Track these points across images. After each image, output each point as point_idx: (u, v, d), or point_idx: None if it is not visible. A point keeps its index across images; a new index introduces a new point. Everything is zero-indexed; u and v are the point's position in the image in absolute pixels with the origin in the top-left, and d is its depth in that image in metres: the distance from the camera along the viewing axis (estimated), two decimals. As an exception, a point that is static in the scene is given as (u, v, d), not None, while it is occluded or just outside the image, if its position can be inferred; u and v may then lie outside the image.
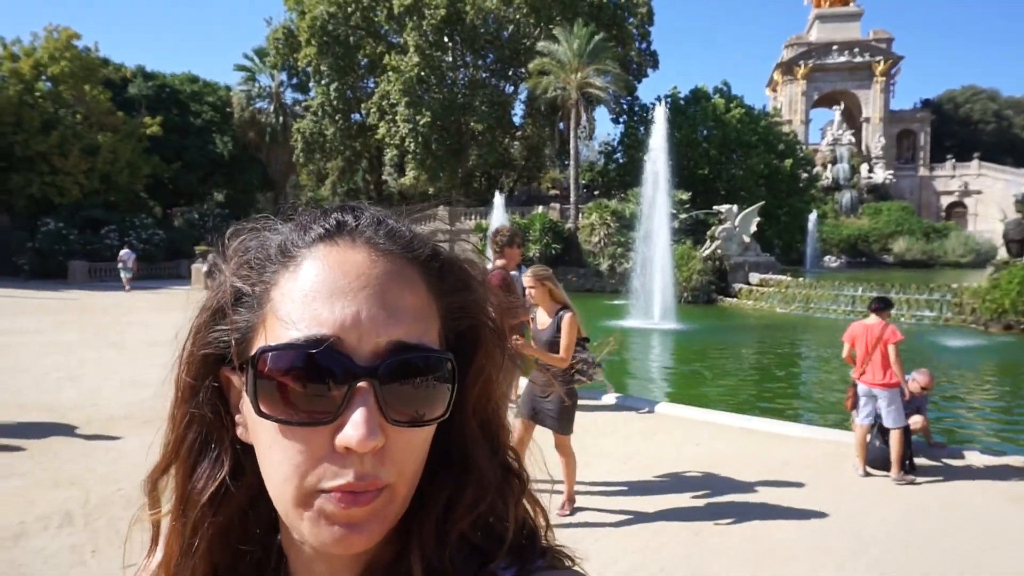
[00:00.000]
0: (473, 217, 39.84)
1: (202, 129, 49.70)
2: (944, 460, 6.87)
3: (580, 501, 5.47)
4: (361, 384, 0.55)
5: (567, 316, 5.18)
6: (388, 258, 0.60)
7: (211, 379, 0.62)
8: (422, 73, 40.45)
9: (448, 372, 0.60)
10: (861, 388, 6.55)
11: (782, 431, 7.80)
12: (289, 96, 55.84)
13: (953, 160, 69.96)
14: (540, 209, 38.03)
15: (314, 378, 0.55)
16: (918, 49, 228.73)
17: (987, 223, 56.08)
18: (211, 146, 49.80)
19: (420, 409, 0.58)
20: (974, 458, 6.92)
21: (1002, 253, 21.47)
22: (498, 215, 33.69)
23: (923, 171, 70.83)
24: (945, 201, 69.24)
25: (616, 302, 25.99)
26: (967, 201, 67.34)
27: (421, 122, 40.54)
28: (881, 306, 6.68)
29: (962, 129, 76.61)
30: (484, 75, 44.54)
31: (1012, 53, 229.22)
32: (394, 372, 0.56)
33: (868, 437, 6.49)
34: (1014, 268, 19.15)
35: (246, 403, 0.59)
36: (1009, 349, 16.46)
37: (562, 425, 5.24)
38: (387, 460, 0.56)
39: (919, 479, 6.28)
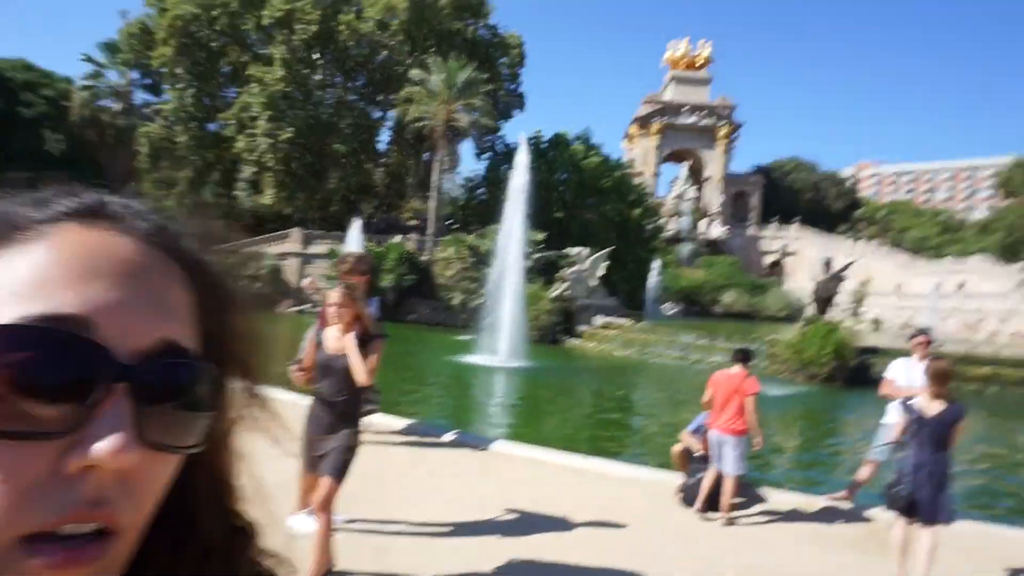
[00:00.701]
0: (328, 242, 38.85)
1: (32, 122, 45.16)
2: (757, 502, 7.56)
3: (403, 543, 5.48)
4: (120, 385, 0.42)
5: (378, 342, 4.87)
6: (158, 252, 0.49)
7: None
8: (287, 88, 39.33)
9: (210, 395, 0.49)
10: (712, 434, 6.97)
11: (612, 471, 8.23)
12: (139, 97, 52.18)
13: (777, 223, 77.86)
14: (398, 238, 37.82)
15: (46, 372, 0.39)
16: (756, 118, 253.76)
17: (800, 281, 62.59)
18: (40, 142, 45.27)
19: (178, 432, 0.46)
20: (781, 499, 7.67)
21: (811, 310, 24.06)
22: (354, 242, 33.10)
23: (752, 230, 78.10)
24: (768, 259, 76.62)
25: (464, 337, 26.26)
26: (786, 260, 74.90)
27: (282, 138, 39.27)
28: (742, 357, 7.19)
29: (786, 195, 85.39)
30: (353, 97, 44.09)
31: (829, 132, 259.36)
32: (158, 379, 0.44)
33: (707, 478, 6.96)
34: (819, 324, 21.57)
35: None
36: (812, 397, 18.40)
37: (340, 470, 4.57)
38: (131, 491, 0.43)
39: (740, 519, 6.89)
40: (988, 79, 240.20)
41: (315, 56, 41.29)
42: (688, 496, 7.13)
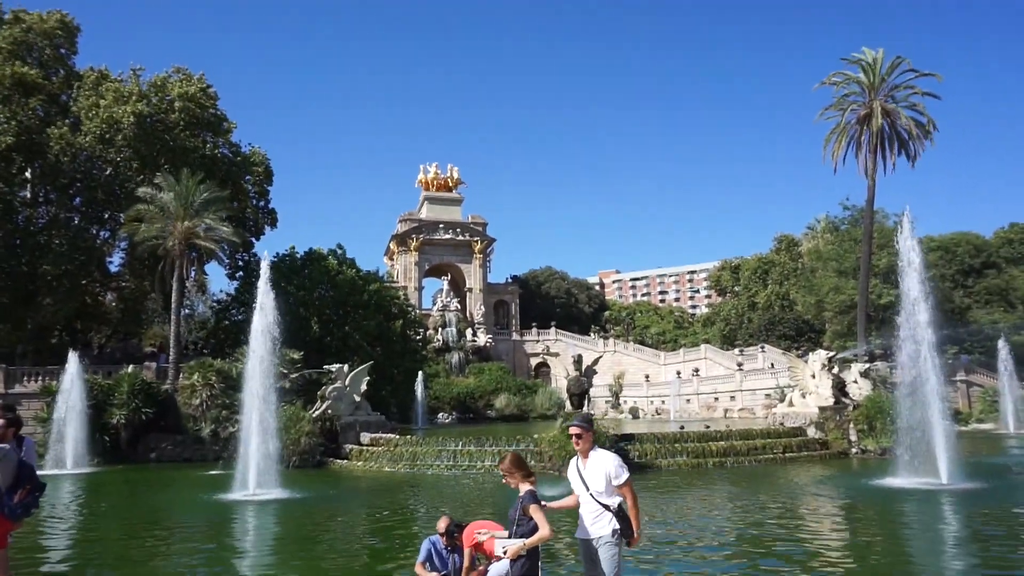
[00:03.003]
0: (40, 378, 33.00)
1: None
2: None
3: None
4: None
5: None
6: None
7: None
8: (-20, 204, 33.93)
9: None
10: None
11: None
12: None
13: (536, 327, 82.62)
14: (130, 368, 33.28)
15: None
16: (510, 231, 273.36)
17: (564, 380, 66.20)
18: None
19: None
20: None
21: (568, 406, 24.91)
22: (72, 375, 28.42)
23: (515, 336, 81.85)
24: (534, 362, 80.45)
25: (216, 472, 23.25)
26: (550, 361, 79.06)
27: (-29, 260, 33.41)
28: None
29: (543, 302, 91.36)
30: (69, 215, 39.20)
31: (574, 244, 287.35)
32: None
33: None
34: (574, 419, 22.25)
35: None
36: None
37: None
38: None
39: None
40: (698, 194, 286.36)
41: (15, 169, 36.31)
42: None
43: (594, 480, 5.96)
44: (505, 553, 5.73)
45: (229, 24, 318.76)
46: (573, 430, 6.08)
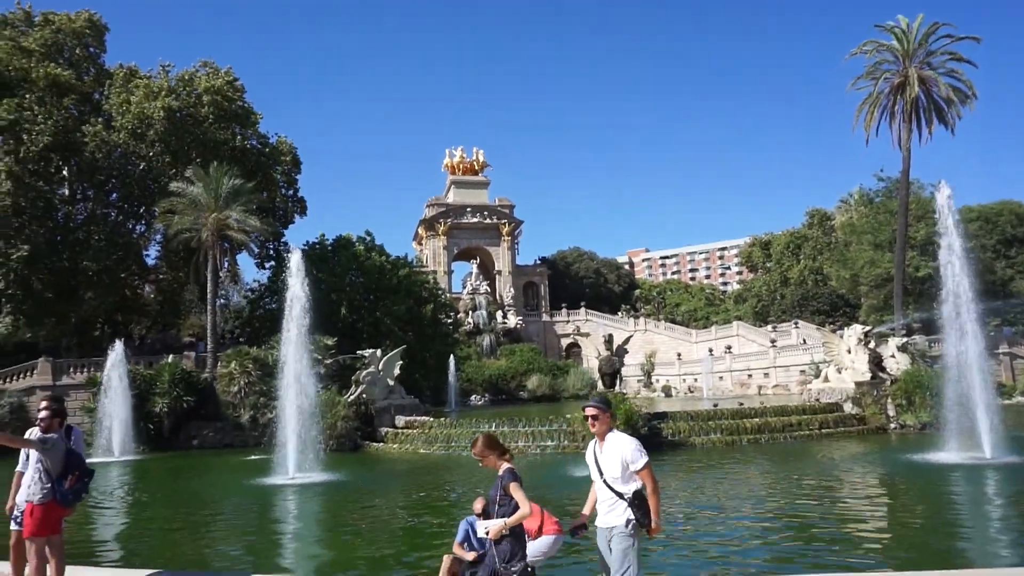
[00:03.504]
0: (86, 370, 33.98)
1: None
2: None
3: None
4: None
5: None
6: None
7: None
8: (21, 202, 34.76)
9: None
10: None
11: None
12: None
13: (566, 308, 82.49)
14: (171, 358, 34.09)
15: None
16: (538, 213, 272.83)
17: (595, 360, 66.18)
18: None
19: None
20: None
21: (600, 385, 24.90)
22: (116, 366, 29.22)
23: (545, 317, 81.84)
24: (564, 342, 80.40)
25: (256, 457, 23.81)
26: (581, 341, 78.99)
27: (15, 257, 34.32)
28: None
29: (572, 283, 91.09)
30: (106, 211, 40.05)
31: (602, 224, 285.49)
32: None
33: None
34: (606, 398, 22.22)
35: None
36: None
37: None
38: None
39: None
40: (727, 171, 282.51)
41: (53, 169, 37.14)
42: None
43: (609, 465, 5.57)
44: (487, 534, 5.51)
45: (253, 17, 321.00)
46: (588, 411, 5.71)
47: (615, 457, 5.54)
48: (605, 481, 5.59)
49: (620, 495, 5.50)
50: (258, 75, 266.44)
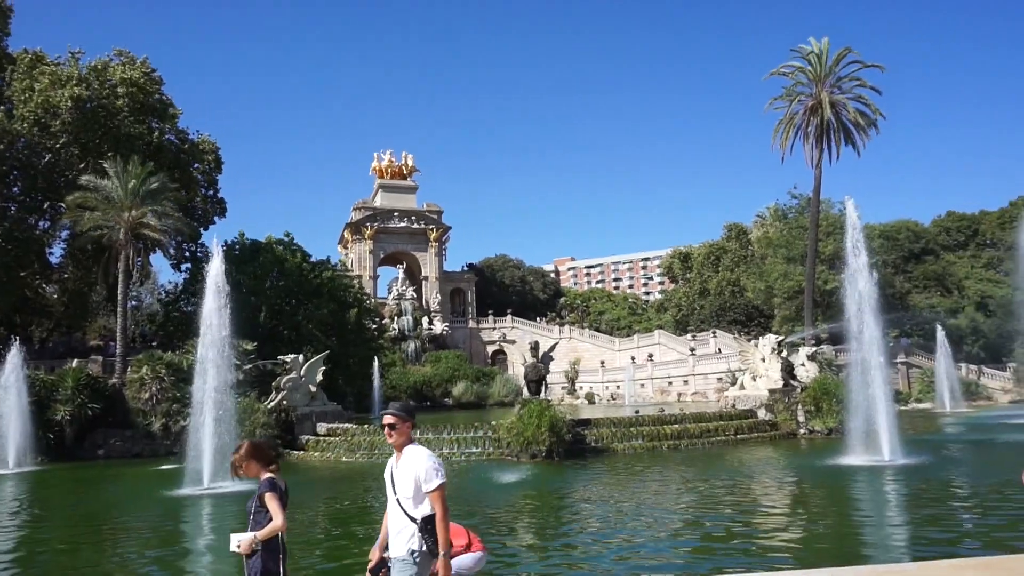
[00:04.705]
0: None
1: None
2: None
3: None
4: None
5: None
6: None
7: None
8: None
9: None
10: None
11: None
12: None
13: (492, 315, 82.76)
14: (75, 363, 32.23)
15: None
16: (466, 219, 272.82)
17: (521, 367, 66.59)
18: None
19: None
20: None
21: (526, 392, 25.08)
22: (12, 371, 27.37)
23: (472, 324, 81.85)
24: (490, 349, 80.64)
25: (168, 466, 22.83)
26: (507, 348, 79.35)
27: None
28: None
29: (499, 290, 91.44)
30: (5, 204, 37.58)
31: (529, 232, 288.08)
32: None
33: None
34: (532, 405, 22.44)
35: None
36: (542, 479, 18.62)
37: None
38: None
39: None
40: (651, 184, 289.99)
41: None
42: None
43: (403, 483, 4.92)
44: (239, 547, 5.00)
45: (173, 6, 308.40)
46: (386, 419, 5.05)
47: (409, 474, 4.89)
48: (398, 501, 4.94)
49: (412, 519, 4.85)
50: (178, 68, 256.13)
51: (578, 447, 22.60)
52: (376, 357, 47.72)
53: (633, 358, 65.45)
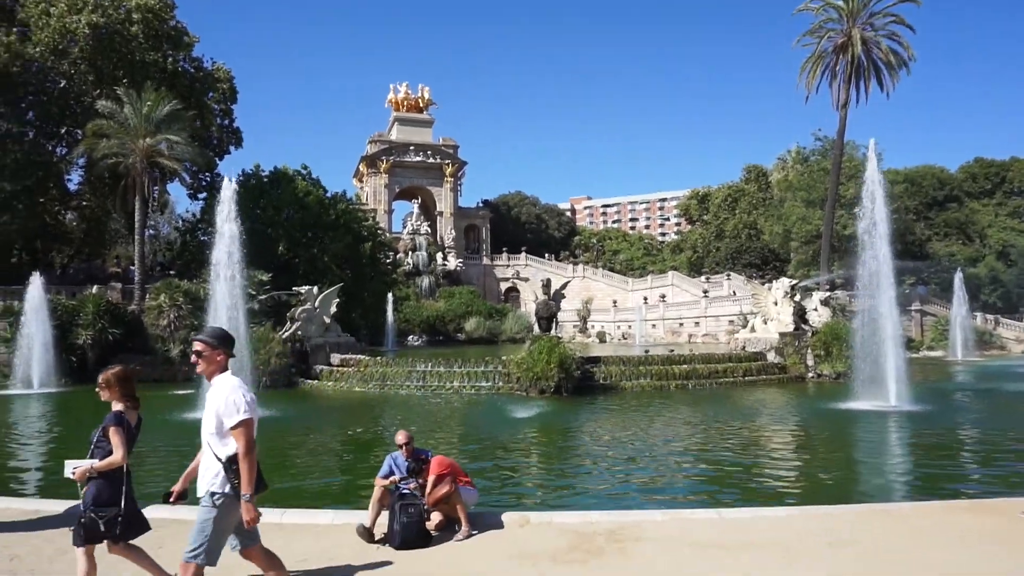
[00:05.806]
0: (2, 299, 32.40)
1: None
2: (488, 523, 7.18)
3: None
4: None
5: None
6: None
7: None
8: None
9: None
10: None
11: (313, 520, 7.43)
12: None
13: (507, 252, 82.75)
14: (95, 289, 32.81)
15: None
16: (482, 155, 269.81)
17: (533, 304, 67.00)
18: None
19: None
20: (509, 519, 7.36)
21: (537, 329, 25.30)
22: (35, 296, 27.96)
23: (486, 260, 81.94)
24: (504, 286, 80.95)
25: (185, 391, 23.42)
26: (520, 286, 79.63)
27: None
28: None
29: (514, 227, 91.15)
30: (23, 129, 37.52)
31: (546, 170, 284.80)
32: None
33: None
34: (542, 341, 22.66)
35: None
36: (550, 414, 18.99)
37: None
38: None
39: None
40: (671, 123, 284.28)
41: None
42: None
43: (207, 418, 4.48)
44: (73, 474, 4.93)
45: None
46: (195, 346, 4.58)
47: (212, 408, 4.45)
48: (205, 436, 4.54)
49: (218, 458, 4.40)
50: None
51: (587, 384, 22.92)
52: (390, 291, 48.14)
53: (646, 299, 65.51)
